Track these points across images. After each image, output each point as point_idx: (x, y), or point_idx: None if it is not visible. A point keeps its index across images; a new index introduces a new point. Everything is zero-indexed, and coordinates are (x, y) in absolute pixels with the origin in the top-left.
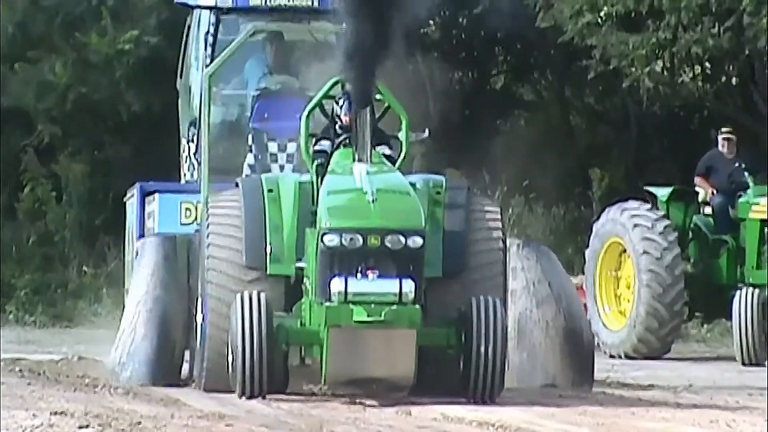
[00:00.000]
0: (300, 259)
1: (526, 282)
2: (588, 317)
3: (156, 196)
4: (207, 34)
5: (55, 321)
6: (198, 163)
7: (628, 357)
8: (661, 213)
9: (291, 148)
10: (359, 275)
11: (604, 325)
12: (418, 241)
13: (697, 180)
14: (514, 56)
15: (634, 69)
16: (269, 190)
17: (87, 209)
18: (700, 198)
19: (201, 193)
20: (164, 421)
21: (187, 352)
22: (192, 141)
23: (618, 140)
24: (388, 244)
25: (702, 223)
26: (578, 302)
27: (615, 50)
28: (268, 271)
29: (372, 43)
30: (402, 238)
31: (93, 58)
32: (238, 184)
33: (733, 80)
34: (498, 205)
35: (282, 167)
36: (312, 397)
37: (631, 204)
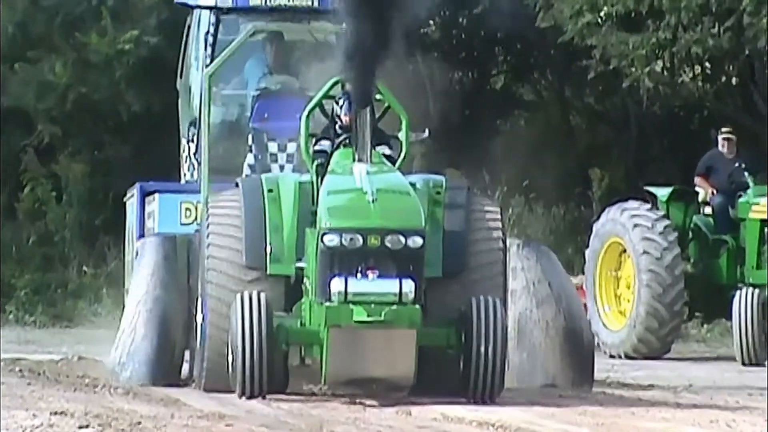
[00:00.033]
0: (300, 259)
1: (526, 282)
2: (588, 317)
3: (156, 196)
4: (207, 34)
5: (55, 321)
6: (198, 163)
7: (628, 357)
8: (661, 213)
9: (291, 148)
10: (359, 275)
11: (604, 325)
12: (418, 241)
13: (697, 180)
14: (514, 56)
15: (634, 69)
16: (269, 190)
17: (87, 209)
18: (700, 198)
19: (201, 193)
20: (164, 421)
21: (187, 352)
22: (192, 141)
23: (618, 140)
24: (388, 244)
25: (702, 223)
26: (578, 302)
27: (615, 50)
28: (268, 271)
29: (372, 43)
30: (402, 238)
31: (93, 58)
32: (238, 184)
33: (733, 80)
34: (498, 205)
35: (282, 167)
36: (312, 397)
37: (631, 204)
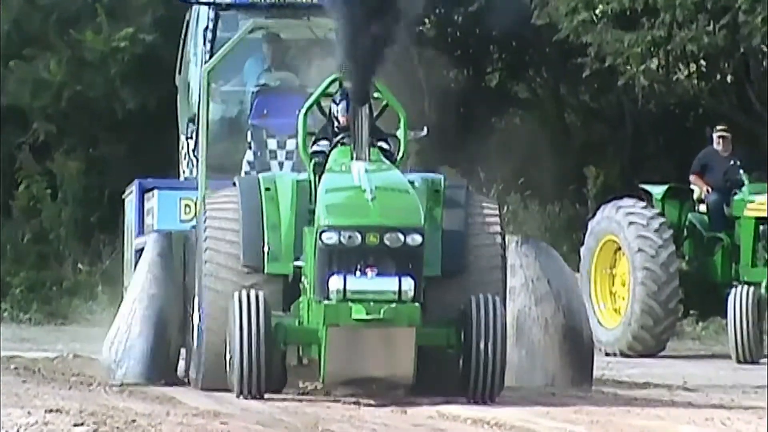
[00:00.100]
0: (298, 258)
1: (525, 279)
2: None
3: (155, 192)
4: (206, 30)
5: (50, 319)
6: (197, 159)
7: (624, 355)
8: (656, 211)
9: (290, 145)
10: (358, 273)
11: (599, 322)
12: (417, 239)
13: (692, 178)
14: (509, 54)
15: (629, 67)
16: (267, 189)
17: (82, 207)
18: (695, 196)
19: (198, 190)
20: (159, 419)
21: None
22: (191, 138)
23: (613, 138)
24: (387, 242)
25: (697, 221)
26: (579, 299)
27: (610, 48)
28: (266, 270)
29: (370, 40)
30: (401, 236)
31: (88, 56)
32: (235, 183)
33: (729, 78)
34: (496, 203)
35: (281, 164)
36: (308, 395)
37: (627, 202)
